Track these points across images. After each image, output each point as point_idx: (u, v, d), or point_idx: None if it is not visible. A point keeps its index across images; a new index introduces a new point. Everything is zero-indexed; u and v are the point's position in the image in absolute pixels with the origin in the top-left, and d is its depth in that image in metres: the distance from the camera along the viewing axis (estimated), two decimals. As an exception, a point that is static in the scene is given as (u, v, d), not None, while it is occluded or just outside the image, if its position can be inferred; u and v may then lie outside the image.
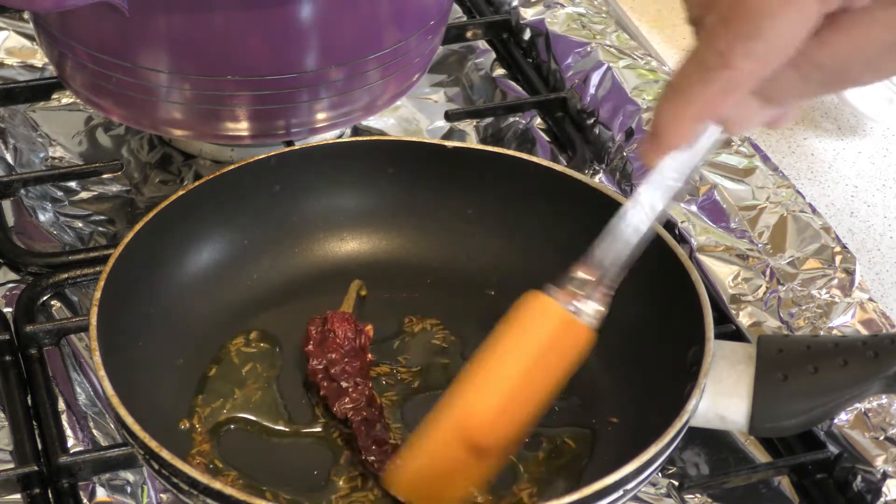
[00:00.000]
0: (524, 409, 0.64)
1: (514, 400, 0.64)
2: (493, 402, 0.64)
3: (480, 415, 0.64)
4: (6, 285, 0.81)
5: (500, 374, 0.64)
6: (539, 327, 0.64)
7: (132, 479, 0.71)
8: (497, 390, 0.64)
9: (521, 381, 0.64)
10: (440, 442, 0.64)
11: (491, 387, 0.64)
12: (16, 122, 0.95)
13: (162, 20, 0.77)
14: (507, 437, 0.64)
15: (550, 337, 0.64)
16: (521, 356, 0.64)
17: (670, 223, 0.84)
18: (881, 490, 0.70)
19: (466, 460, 0.64)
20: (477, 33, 1.03)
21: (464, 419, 0.64)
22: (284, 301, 0.77)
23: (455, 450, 0.64)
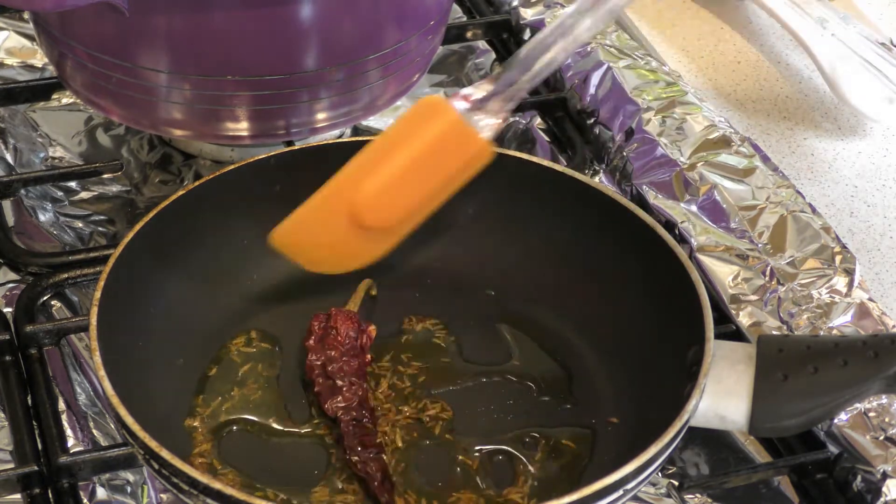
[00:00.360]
0: (408, 197, 0.69)
1: (397, 184, 0.69)
2: (377, 180, 0.69)
3: (365, 189, 0.69)
4: (6, 285, 0.81)
5: (386, 157, 0.69)
6: (429, 123, 0.69)
7: (132, 479, 0.71)
8: (382, 171, 0.69)
9: (406, 167, 0.69)
10: (325, 207, 0.70)
11: (377, 167, 0.69)
12: (16, 122, 0.95)
13: (162, 20, 0.77)
14: (389, 218, 0.70)
15: (438, 133, 0.69)
16: (409, 145, 0.69)
17: (670, 223, 0.84)
18: (881, 490, 0.70)
19: (348, 230, 0.70)
20: (477, 33, 1.03)
21: (349, 190, 0.69)
22: (284, 301, 0.77)
23: (338, 216, 0.70)
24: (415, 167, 0.69)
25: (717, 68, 1.05)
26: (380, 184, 0.69)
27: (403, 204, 0.70)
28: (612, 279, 0.75)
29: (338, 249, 0.72)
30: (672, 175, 0.88)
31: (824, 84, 1.00)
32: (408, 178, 0.69)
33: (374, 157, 0.70)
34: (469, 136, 0.69)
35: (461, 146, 0.69)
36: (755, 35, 1.08)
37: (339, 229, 0.70)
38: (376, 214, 0.70)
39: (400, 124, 0.70)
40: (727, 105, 1.01)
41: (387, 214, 0.70)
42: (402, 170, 0.69)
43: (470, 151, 0.69)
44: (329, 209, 0.71)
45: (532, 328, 0.77)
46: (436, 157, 0.69)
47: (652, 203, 0.86)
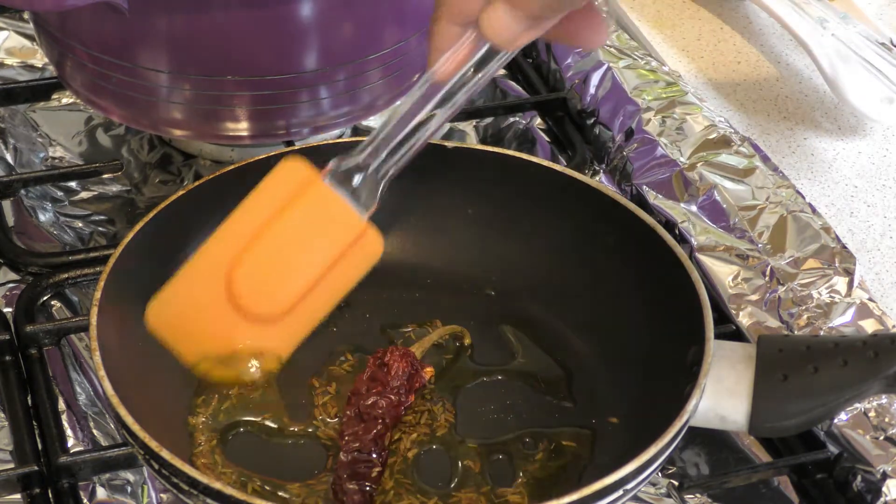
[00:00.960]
0: (289, 279, 0.67)
1: (271, 262, 0.67)
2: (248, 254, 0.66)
3: (238, 265, 0.66)
4: (6, 285, 0.81)
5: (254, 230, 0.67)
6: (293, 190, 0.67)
7: (132, 479, 0.71)
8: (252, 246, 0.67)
9: (274, 243, 0.67)
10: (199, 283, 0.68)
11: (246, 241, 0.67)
12: (16, 122, 0.95)
13: (162, 20, 0.77)
14: (269, 303, 0.67)
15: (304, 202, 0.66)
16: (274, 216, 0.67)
17: (670, 223, 0.85)
18: (881, 490, 0.70)
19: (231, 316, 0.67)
20: (477, 33, 1.03)
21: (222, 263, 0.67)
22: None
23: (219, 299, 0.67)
24: (282, 240, 0.66)
25: (717, 68, 1.05)
26: (249, 256, 0.66)
27: (282, 285, 0.67)
28: (612, 279, 0.75)
29: (221, 337, 0.68)
30: (672, 175, 0.88)
31: (824, 84, 1.00)
32: (278, 254, 0.66)
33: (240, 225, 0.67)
34: (338, 206, 0.66)
35: (333, 219, 0.67)
36: (755, 35, 1.08)
37: (220, 311, 0.67)
38: (253, 293, 0.67)
39: (262, 189, 0.67)
40: (727, 105, 1.01)
41: (265, 296, 0.67)
42: (269, 241, 0.66)
43: (345, 227, 0.67)
44: (205, 283, 0.67)
45: (532, 328, 0.77)
46: (307, 231, 0.66)
47: (652, 203, 0.86)
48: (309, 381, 0.73)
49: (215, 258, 0.67)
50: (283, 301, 0.67)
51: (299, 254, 0.67)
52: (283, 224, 0.67)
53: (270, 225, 0.67)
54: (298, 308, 0.68)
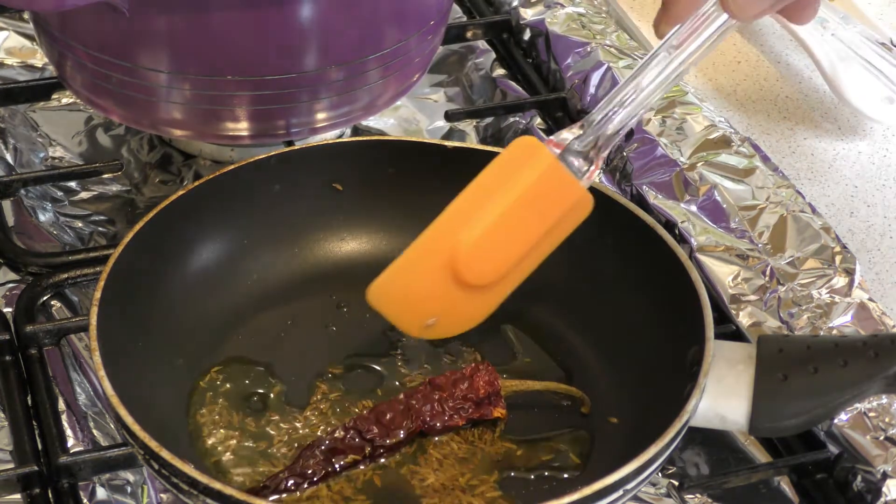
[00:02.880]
0: (510, 250, 0.68)
1: (496, 235, 0.67)
2: (475, 230, 0.67)
3: (464, 241, 0.67)
4: (6, 285, 0.81)
5: (483, 204, 0.67)
6: (525, 167, 0.67)
7: (132, 479, 0.71)
8: (480, 221, 0.67)
9: (504, 215, 0.67)
10: (423, 260, 0.68)
11: (474, 216, 0.67)
12: (16, 122, 0.95)
13: (162, 20, 0.77)
14: (490, 272, 0.68)
15: (536, 178, 0.67)
16: (506, 191, 0.67)
17: (670, 223, 0.84)
18: (881, 490, 0.70)
19: (448, 286, 0.68)
20: (477, 33, 1.03)
21: (447, 241, 0.67)
22: (284, 301, 0.77)
23: (437, 271, 0.67)
24: (513, 215, 0.67)
25: (717, 68, 1.05)
26: (478, 235, 0.67)
27: (504, 257, 0.68)
28: (612, 279, 0.75)
29: (437, 308, 0.70)
30: (672, 175, 0.88)
31: (824, 84, 1.00)
32: (507, 228, 0.67)
33: (470, 204, 0.68)
34: (567, 181, 0.67)
35: (560, 192, 0.67)
36: (755, 35, 1.08)
37: (439, 286, 0.68)
38: (478, 268, 0.68)
39: (494, 168, 0.68)
40: (727, 105, 1.01)
41: (488, 268, 0.68)
42: (501, 218, 0.67)
43: (569, 198, 0.67)
44: (427, 263, 0.68)
45: (532, 328, 0.77)
46: (534, 205, 0.67)
47: (652, 203, 0.86)
48: (313, 383, 0.73)
49: (441, 235, 0.68)
50: (503, 270, 0.68)
51: (522, 226, 0.67)
52: (507, 198, 0.67)
53: (494, 200, 0.67)
54: (510, 274, 0.69)
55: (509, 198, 0.67)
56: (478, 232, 0.67)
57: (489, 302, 0.70)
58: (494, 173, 0.68)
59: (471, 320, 0.71)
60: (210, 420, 0.71)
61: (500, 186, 0.67)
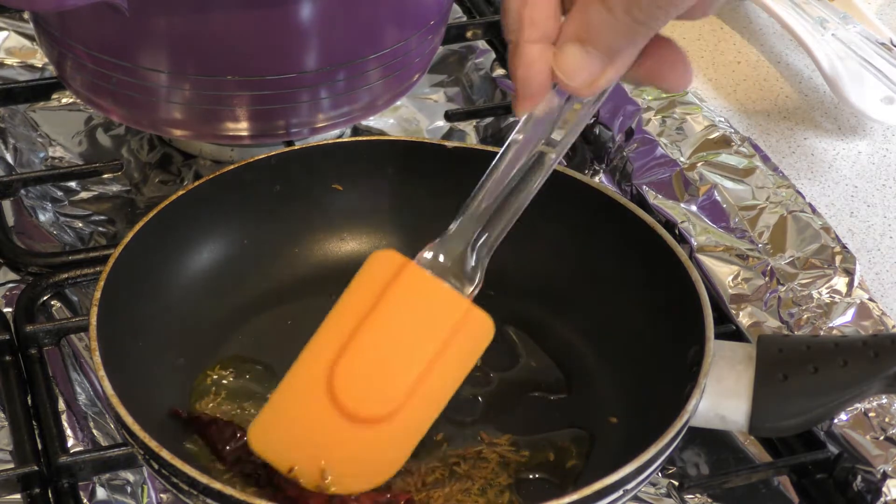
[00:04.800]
0: (393, 371, 0.62)
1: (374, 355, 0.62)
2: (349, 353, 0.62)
3: (339, 365, 0.62)
4: (6, 285, 0.81)
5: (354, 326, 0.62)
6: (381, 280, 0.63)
7: (132, 479, 0.71)
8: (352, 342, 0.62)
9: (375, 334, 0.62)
10: (305, 396, 0.63)
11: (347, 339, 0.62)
12: (16, 122, 0.95)
13: (162, 20, 0.77)
14: (377, 400, 0.62)
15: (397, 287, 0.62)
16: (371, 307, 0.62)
17: (670, 223, 0.85)
18: (881, 490, 0.70)
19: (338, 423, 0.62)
20: (477, 33, 1.03)
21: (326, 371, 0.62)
22: (285, 301, 0.77)
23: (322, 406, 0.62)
24: (382, 329, 0.62)
25: (717, 68, 1.05)
26: (350, 354, 0.62)
27: (386, 378, 0.62)
28: (612, 279, 0.75)
29: (331, 450, 0.63)
30: (672, 175, 0.88)
31: (824, 84, 1.00)
32: (380, 345, 0.62)
33: (339, 324, 0.63)
34: (438, 290, 0.62)
35: (433, 304, 0.62)
36: (755, 35, 1.08)
37: (325, 420, 0.62)
38: (358, 393, 0.62)
39: (355, 283, 0.63)
40: (727, 105, 1.01)
41: (371, 392, 0.62)
42: (369, 333, 0.62)
43: (446, 311, 0.62)
44: (306, 393, 0.63)
45: (531, 328, 0.77)
46: (403, 317, 0.62)
47: (652, 203, 0.86)
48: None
49: (313, 365, 0.63)
50: (391, 398, 0.62)
51: (400, 344, 0.62)
52: (379, 315, 0.62)
53: (366, 319, 0.62)
54: (409, 406, 0.62)
55: (371, 313, 0.62)
56: (349, 351, 0.62)
57: (396, 444, 0.63)
58: (354, 291, 0.63)
59: (380, 468, 0.63)
60: (210, 420, 0.71)
61: (361, 304, 0.62)
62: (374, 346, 0.63)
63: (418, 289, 0.63)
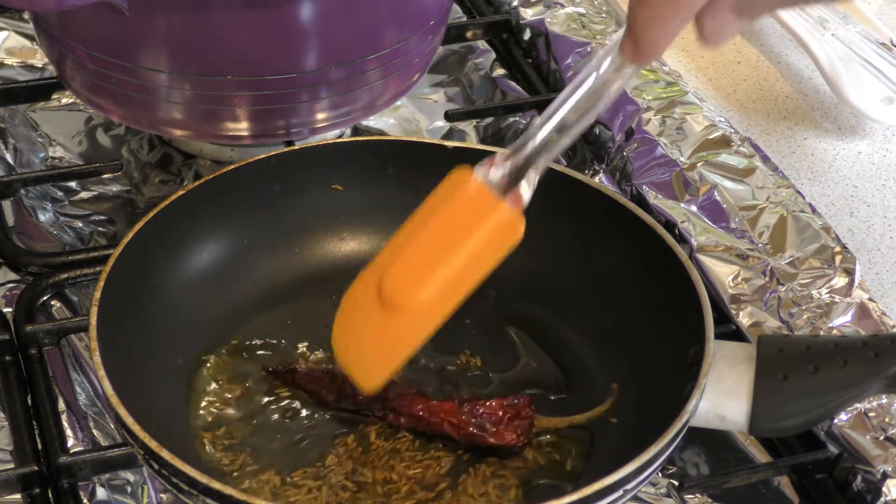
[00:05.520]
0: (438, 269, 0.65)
1: (421, 256, 0.65)
2: (399, 255, 0.65)
3: (389, 268, 0.65)
4: (6, 285, 0.81)
5: (407, 232, 0.66)
6: (449, 192, 0.65)
7: (132, 479, 0.71)
8: (404, 246, 0.65)
9: (425, 235, 0.65)
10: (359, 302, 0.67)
11: (399, 244, 0.66)
12: (16, 122, 0.95)
13: (162, 20, 0.77)
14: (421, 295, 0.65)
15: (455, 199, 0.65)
16: (429, 215, 0.65)
17: (670, 223, 0.84)
18: (881, 490, 0.70)
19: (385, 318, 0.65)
20: (477, 33, 1.03)
21: (377, 272, 0.65)
22: (284, 301, 0.77)
23: (371, 307, 0.65)
24: (434, 234, 0.65)
25: (717, 68, 1.05)
26: (401, 257, 0.65)
27: (427, 273, 0.65)
28: (612, 279, 0.75)
29: (374, 342, 0.67)
30: (672, 175, 0.88)
31: (824, 84, 1.00)
32: (428, 246, 0.65)
33: (401, 236, 0.67)
34: (484, 197, 0.65)
35: (477, 208, 0.65)
36: (755, 35, 1.08)
37: (374, 318, 0.66)
38: (400, 289, 0.65)
39: (428, 200, 0.67)
40: (727, 105, 1.01)
41: (412, 288, 0.65)
42: (422, 238, 0.65)
43: (488, 215, 0.65)
44: (362, 297, 0.67)
45: (532, 328, 0.77)
46: (454, 223, 0.65)
47: (652, 203, 0.86)
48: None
49: (371, 270, 0.67)
50: (428, 288, 0.65)
51: (442, 243, 0.65)
52: (432, 221, 0.66)
53: (421, 225, 0.66)
54: (441, 293, 0.66)
55: (430, 218, 0.66)
56: (401, 256, 0.65)
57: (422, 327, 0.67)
58: (427, 204, 0.67)
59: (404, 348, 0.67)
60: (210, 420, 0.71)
61: (427, 213, 0.66)
62: (420, 247, 0.65)
63: (467, 197, 0.65)
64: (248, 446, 0.70)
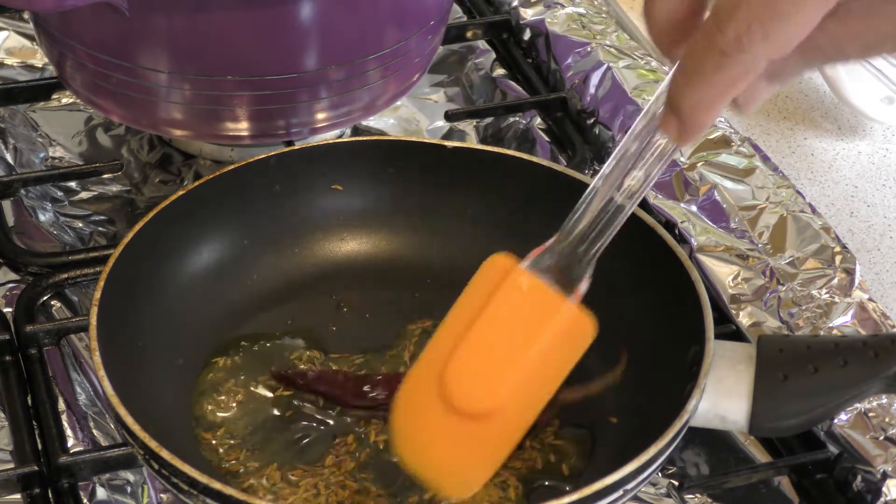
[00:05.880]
0: (505, 372, 0.62)
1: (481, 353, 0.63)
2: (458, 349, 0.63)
3: (452, 368, 0.62)
4: (6, 285, 0.81)
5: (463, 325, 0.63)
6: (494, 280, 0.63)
7: (132, 479, 0.71)
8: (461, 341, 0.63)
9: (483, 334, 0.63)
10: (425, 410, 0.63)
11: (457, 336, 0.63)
12: (16, 122, 0.95)
13: (162, 20, 0.77)
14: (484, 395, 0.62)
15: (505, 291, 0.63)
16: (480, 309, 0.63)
17: (670, 223, 0.84)
18: (881, 490, 0.70)
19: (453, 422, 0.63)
20: (477, 33, 1.03)
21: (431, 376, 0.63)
22: (284, 301, 0.77)
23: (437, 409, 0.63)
24: (490, 330, 0.63)
25: (717, 68, 1.04)
26: (459, 352, 0.63)
27: (493, 374, 0.63)
28: (611, 279, 0.75)
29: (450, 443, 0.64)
30: (672, 175, 0.88)
31: (824, 84, 1.00)
32: (488, 344, 0.63)
33: (452, 328, 0.64)
34: (541, 291, 0.63)
35: (538, 305, 0.63)
36: (755, 35, 1.08)
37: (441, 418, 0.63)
38: (467, 389, 0.62)
39: (469, 288, 0.65)
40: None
41: (479, 388, 0.62)
42: (477, 333, 0.63)
43: (550, 310, 0.63)
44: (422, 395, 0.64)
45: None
46: (511, 318, 0.63)
47: (652, 203, 0.86)
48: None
49: (428, 366, 0.64)
50: (495, 393, 0.63)
51: (505, 343, 0.63)
52: (486, 316, 0.63)
53: (475, 321, 0.63)
54: (511, 403, 0.63)
55: (482, 313, 0.63)
56: (459, 351, 0.63)
57: (499, 441, 0.64)
58: (468, 295, 0.65)
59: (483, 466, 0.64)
60: (210, 419, 0.71)
61: (473, 306, 0.64)
62: (481, 346, 0.63)
63: (524, 291, 0.63)
64: (248, 446, 0.70)
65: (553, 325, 0.63)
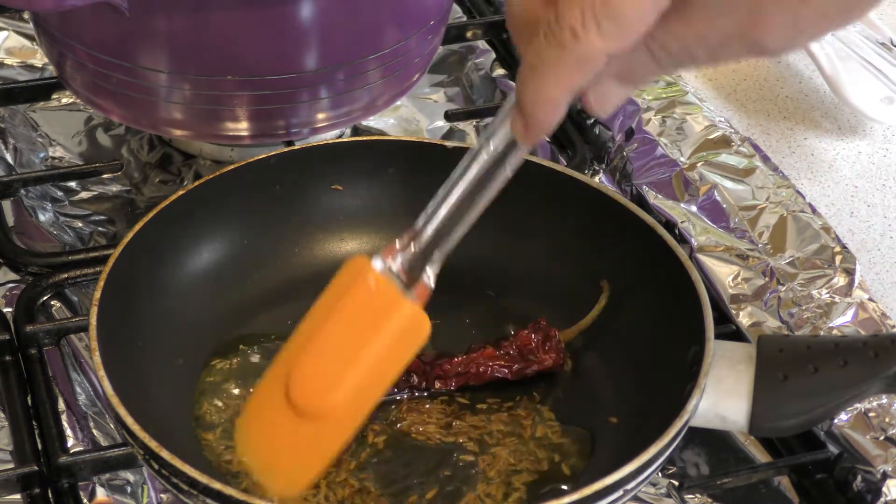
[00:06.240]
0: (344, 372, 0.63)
1: (326, 355, 0.63)
2: (304, 357, 0.63)
3: (295, 371, 0.63)
4: (6, 285, 0.81)
5: (309, 329, 0.64)
6: (348, 280, 0.64)
7: (132, 479, 0.71)
8: (307, 345, 0.63)
9: (330, 335, 0.63)
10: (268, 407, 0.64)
11: (302, 343, 0.64)
12: (16, 122, 0.95)
13: (162, 20, 0.77)
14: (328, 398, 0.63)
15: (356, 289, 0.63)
16: (328, 311, 0.64)
17: (670, 223, 0.85)
18: (881, 490, 0.70)
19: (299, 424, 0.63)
20: (477, 33, 1.03)
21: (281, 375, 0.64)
22: (284, 301, 0.77)
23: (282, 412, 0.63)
24: (336, 331, 0.63)
25: (717, 68, 1.05)
26: (306, 359, 0.63)
27: (335, 376, 0.63)
28: (612, 279, 0.75)
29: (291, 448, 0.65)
30: (672, 175, 0.88)
31: (824, 84, 1.00)
32: (333, 345, 0.63)
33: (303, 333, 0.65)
34: (385, 291, 0.63)
35: (379, 304, 0.63)
36: (755, 35, 1.08)
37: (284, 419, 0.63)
38: (310, 395, 0.63)
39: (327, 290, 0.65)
40: (727, 105, 1.01)
41: (319, 389, 0.63)
42: (325, 336, 0.63)
43: (391, 311, 0.63)
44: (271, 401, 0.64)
45: (532, 328, 0.77)
46: (356, 319, 0.63)
47: (652, 203, 0.86)
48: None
49: (277, 369, 0.65)
50: (334, 392, 0.63)
51: (347, 343, 0.63)
52: (335, 317, 0.63)
53: (325, 321, 0.64)
54: (352, 398, 0.64)
55: (333, 315, 0.63)
56: (304, 352, 0.63)
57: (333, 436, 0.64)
58: (328, 296, 0.65)
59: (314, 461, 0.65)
60: (210, 419, 0.71)
61: (328, 308, 0.64)
62: (325, 346, 0.63)
63: (370, 291, 0.63)
64: (248, 446, 0.70)
65: (389, 326, 0.63)
